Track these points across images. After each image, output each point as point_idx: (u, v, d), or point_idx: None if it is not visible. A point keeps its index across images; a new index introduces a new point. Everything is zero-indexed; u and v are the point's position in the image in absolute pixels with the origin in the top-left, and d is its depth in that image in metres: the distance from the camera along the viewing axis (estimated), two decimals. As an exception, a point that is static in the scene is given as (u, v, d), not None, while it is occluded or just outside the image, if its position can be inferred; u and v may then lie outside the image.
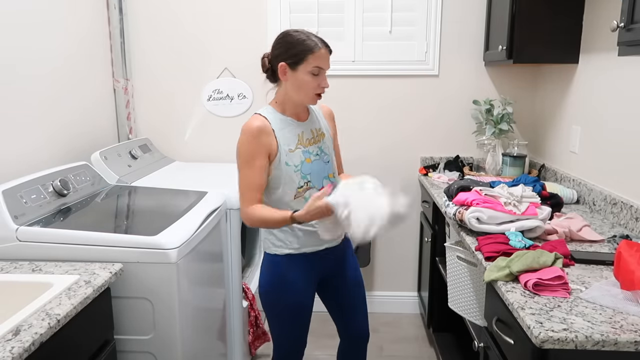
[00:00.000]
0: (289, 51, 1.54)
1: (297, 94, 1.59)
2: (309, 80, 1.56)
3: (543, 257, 1.38)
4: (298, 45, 1.53)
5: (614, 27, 1.36)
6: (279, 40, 1.58)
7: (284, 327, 1.71)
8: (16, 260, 1.57)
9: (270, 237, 1.67)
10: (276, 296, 1.67)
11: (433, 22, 2.80)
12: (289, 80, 1.58)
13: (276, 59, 1.57)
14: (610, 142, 2.03)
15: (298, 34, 1.55)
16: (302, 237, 1.64)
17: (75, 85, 2.42)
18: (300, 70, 1.55)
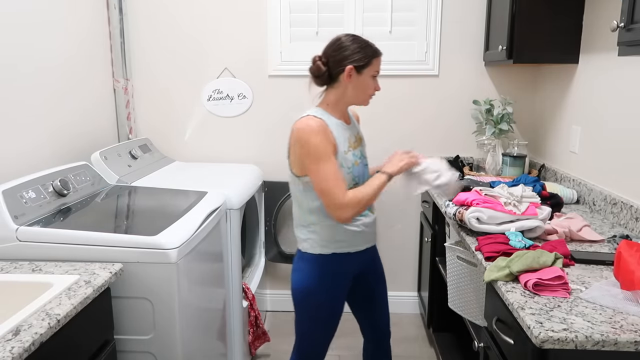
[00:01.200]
0: (356, 54, 1.59)
1: (357, 95, 1.64)
2: (370, 83, 1.64)
3: (543, 257, 1.38)
4: (364, 50, 1.60)
5: (614, 27, 1.36)
6: (345, 43, 1.61)
7: (318, 326, 1.72)
8: (16, 260, 1.57)
9: (313, 236, 1.65)
10: (317, 295, 1.67)
11: (433, 22, 2.80)
12: (352, 83, 1.61)
13: (341, 62, 1.60)
14: (610, 142, 2.03)
15: (362, 39, 1.62)
16: (350, 237, 1.66)
17: (75, 85, 2.43)
18: (364, 73, 1.61)
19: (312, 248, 1.66)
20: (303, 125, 1.55)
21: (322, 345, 1.76)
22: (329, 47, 1.64)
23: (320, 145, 1.52)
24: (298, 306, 1.72)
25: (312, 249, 1.66)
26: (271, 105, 2.94)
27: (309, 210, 1.64)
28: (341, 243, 1.65)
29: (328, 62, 1.62)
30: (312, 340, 1.75)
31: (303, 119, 1.59)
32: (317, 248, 1.65)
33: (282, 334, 2.89)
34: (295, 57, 2.87)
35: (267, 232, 2.96)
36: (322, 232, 1.64)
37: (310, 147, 1.52)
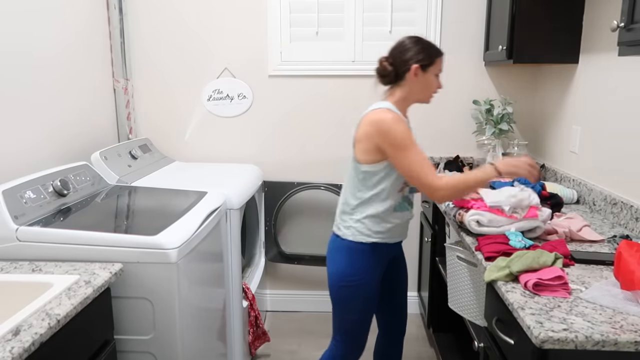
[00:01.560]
0: (421, 54, 1.68)
1: (422, 93, 1.73)
2: (434, 81, 1.73)
3: (543, 257, 1.38)
4: (429, 49, 1.69)
5: (614, 27, 1.36)
6: (409, 45, 1.70)
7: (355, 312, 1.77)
8: (16, 260, 1.57)
9: (357, 225, 1.71)
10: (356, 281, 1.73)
11: (433, 22, 2.80)
12: (417, 81, 1.70)
13: (407, 62, 1.68)
14: (610, 142, 2.03)
15: (425, 40, 1.71)
16: (392, 229, 1.74)
17: (75, 85, 2.42)
18: (429, 72, 1.70)
19: (353, 236, 1.72)
20: (383, 117, 1.62)
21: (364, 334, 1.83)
22: (395, 49, 1.73)
23: (404, 133, 1.60)
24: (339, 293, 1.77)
25: (353, 237, 1.72)
26: (271, 105, 2.94)
27: (360, 200, 1.71)
28: (383, 234, 1.73)
29: (394, 62, 1.71)
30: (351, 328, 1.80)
31: (379, 110, 1.65)
32: (358, 236, 1.72)
33: (282, 334, 2.89)
34: (295, 57, 2.88)
35: (267, 232, 2.96)
36: (368, 223, 1.71)
37: (396, 136, 1.60)
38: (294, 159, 3.00)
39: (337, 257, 1.75)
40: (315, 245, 3.08)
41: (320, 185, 2.91)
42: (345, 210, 1.74)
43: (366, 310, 1.78)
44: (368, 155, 1.65)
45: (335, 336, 1.85)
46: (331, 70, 2.88)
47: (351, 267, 1.73)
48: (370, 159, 1.65)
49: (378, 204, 1.69)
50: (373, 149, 1.64)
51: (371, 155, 1.65)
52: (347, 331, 1.81)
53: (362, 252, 1.72)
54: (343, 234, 1.74)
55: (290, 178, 2.99)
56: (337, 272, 1.75)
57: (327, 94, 2.92)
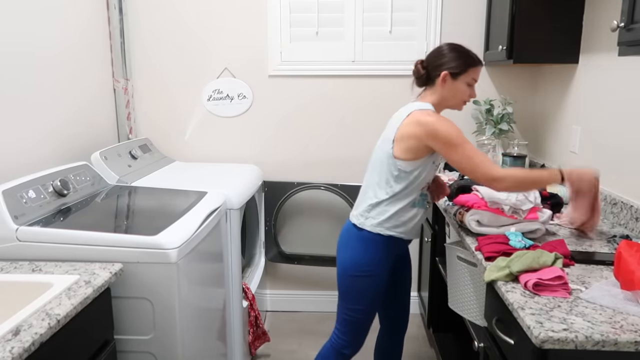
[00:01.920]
0: (454, 62, 1.72)
1: (451, 99, 1.76)
2: (464, 90, 1.75)
3: (543, 257, 1.38)
4: (462, 58, 1.73)
5: (614, 27, 1.36)
6: (444, 51, 1.75)
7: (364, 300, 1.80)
8: (16, 260, 1.57)
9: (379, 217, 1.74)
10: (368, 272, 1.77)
11: (433, 22, 2.80)
12: (446, 87, 1.74)
13: (439, 67, 1.74)
14: (610, 142, 2.03)
15: (462, 48, 1.76)
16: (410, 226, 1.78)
17: (75, 85, 2.43)
18: (460, 80, 1.73)
19: (372, 227, 1.76)
20: (431, 118, 1.65)
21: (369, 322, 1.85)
22: (431, 53, 1.79)
23: (456, 131, 1.64)
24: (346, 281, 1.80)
25: (371, 227, 1.76)
26: (271, 105, 2.94)
27: (390, 193, 1.73)
28: (400, 229, 1.76)
29: (428, 66, 1.77)
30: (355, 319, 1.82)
31: (425, 112, 1.68)
32: (377, 227, 1.75)
33: (282, 334, 2.89)
34: (295, 57, 2.88)
35: (267, 232, 2.96)
36: (393, 216, 1.74)
37: (449, 135, 1.63)
38: (294, 159, 3.00)
39: (352, 245, 1.78)
40: (315, 245, 3.08)
41: (320, 185, 2.91)
42: (372, 202, 1.76)
43: (372, 302, 1.81)
44: (410, 153, 1.68)
45: (338, 327, 1.87)
46: (331, 70, 2.88)
47: (365, 257, 1.76)
48: (411, 156, 1.69)
49: (404, 200, 1.73)
50: (417, 148, 1.67)
51: (413, 154, 1.68)
52: (350, 322, 1.83)
53: (377, 244, 1.76)
54: (361, 224, 1.77)
55: (290, 178, 2.99)
56: (350, 261, 1.78)
57: (327, 94, 2.92)
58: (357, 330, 1.85)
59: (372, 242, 1.76)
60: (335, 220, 3.05)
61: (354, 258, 1.77)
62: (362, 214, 1.78)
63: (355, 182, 2.91)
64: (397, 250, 1.84)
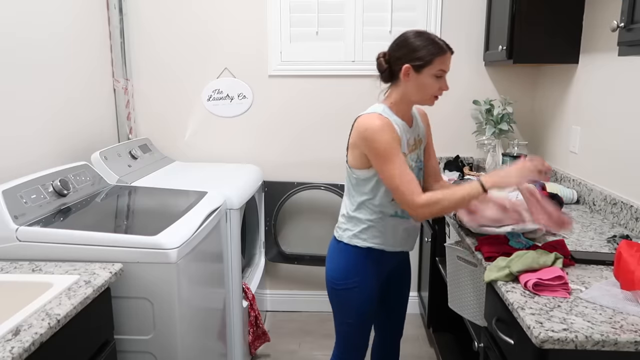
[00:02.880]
0: (414, 53, 1.52)
1: (417, 95, 1.58)
2: (431, 83, 1.55)
3: (543, 257, 1.38)
4: (424, 49, 1.52)
5: (614, 27, 1.36)
6: (403, 42, 1.56)
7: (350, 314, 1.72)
8: (16, 260, 1.57)
9: (353, 228, 1.65)
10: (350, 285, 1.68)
11: (433, 22, 2.80)
12: (410, 82, 1.56)
13: (399, 60, 1.55)
14: (610, 142, 2.03)
15: (426, 35, 1.54)
16: (388, 236, 1.66)
17: (75, 85, 2.42)
18: (424, 73, 1.53)
19: (349, 238, 1.67)
20: (369, 124, 1.51)
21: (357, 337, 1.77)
22: (393, 44, 1.59)
23: (388, 144, 1.49)
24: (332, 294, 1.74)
25: (348, 240, 1.67)
26: (271, 105, 2.94)
27: (355, 203, 1.65)
28: (378, 240, 1.66)
29: (390, 59, 1.59)
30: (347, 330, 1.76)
31: (368, 116, 1.55)
32: (353, 239, 1.66)
33: (282, 334, 2.89)
34: (295, 57, 2.87)
35: (267, 232, 2.96)
36: (362, 227, 1.65)
37: (378, 146, 1.49)
38: (294, 159, 3.00)
39: (334, 259, 1.72)
40: (315, 245, 3.08)
41: (320, 185, 2.91)
42: (344, 212, 1.70)
43: (361, 315, 1.72)
44: (358, 161, 1.59)
45: (335, 340, 1.83)
46: (331, 70, 2.88)
47: (346, 270, 1.68)
48: (361, 164, 1.59)
49: (372, 209, 1.63)
50: (360, 155, 1.57)
51: (361, 161, 1.58)
52: (343, 334, 1.78)
53: (357, 256, 1.67)
54: (339, 236, 1.70)
55: (290, 178, 2.99)
56: (330, 274, 1.71)
57: (327, 94, 2.92)
58: (350, 341, 1.77)
59: (351, 254, 1.67)
60: (335, 221, 3.04)
61: (335, 271, 1.69)
62: (339, 226, 1.71)
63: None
64: (385, 262, 1.73)
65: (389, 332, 1.96)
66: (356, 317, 1.72)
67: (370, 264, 1.69)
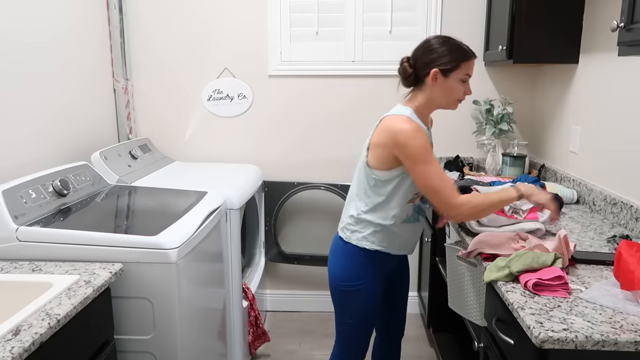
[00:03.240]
0: (442, 58, 1.56)
1: (443, 99, 1.61)
2: (457, 87, 1.59)
3: (543, 257, 1.38)
4: (452, 53, 1.57)
5: (614, 27, 1.36)
6: (430, 48, 1.60)
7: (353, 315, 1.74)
8: (16, 260, 1.57)
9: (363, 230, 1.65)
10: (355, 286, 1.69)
11: (433, 22, 2.80)
12: (437, 86, 1.59)
13: (426, 65, 1.59)
14: (610, 142, 2.03)
15: (452, 41, 1.59)
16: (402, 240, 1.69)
17: (75, 85, 2.42)
18: (451, 78, 1.58)
19: (357, 240, 1.67)
20: (401, 127, 1.52)
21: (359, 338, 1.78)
22: (418, 49, 1.63)
23: (423, 146, 1.51)
24: (335, 295, 1.74)
25: (357, 242, 1.67)
26: (271, 105, 2.94)
27: (370, 204, 1.64)
28: (387, 244, 1.67)
29: (415, 64, 1.62)
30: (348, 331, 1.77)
31: (398, 118, 1.56)
32: (362, 242, 1.66)
33: (282, 334, 2.89)
34: (295, 57, 2.87)
35: (267, 232, 2.96)
36: (374, 230, 1.65)
37: (413, 149, 1.51)
38: (294, 159, 3.00)
39: (339, 259, 1.72)
40: (315, 245, 3.08)
41: (320, 185, 2.91)
42: (353, 214, 1.68)
43: (364, 317, 1.73)
44: (382, 162, 1.58)
45: (335, 340, 1.83)
46: (331, 70, 2.88)
47: (351, 271, 1.68)
48: (383, 165, 1.58)
49: (386, 213, 1.63)
50: (388, 156, 1.56)
51: (385, 163, 1.57)
52: (344, 334, 1.78)
53: (364, 258, 1.68)
54: (347, 237, 1.69)
55: (290, 178, 2.99)
56: (337, 275, 1.72)
57: (327, 94, 2.92)
58: (351, 343, 1.77)
59: (358, 256, 1.68)
60: (335, 221, 3.05)
61: (342, 272, 1.70)
62: (347, 227, 1.70)
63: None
64: (388, 265, 1.75)
65: (391, 333, 1.97)
66: (359, 317, 1.73)
67: (375, 266, 1.70)
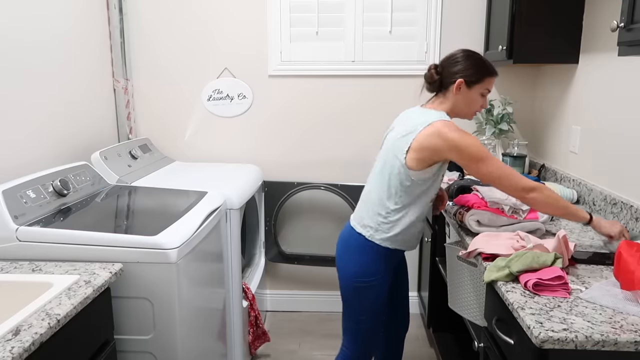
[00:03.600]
0: (469, 70, 1.67)
1: (463, 109, 1.71)
2: (477, 99, 1.70)
3: (543, 257, 1.38)
4: (479, 67, 1.67)
5: (614, 27, 1.36)
6: (459, 59, 1.69)
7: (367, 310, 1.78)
8: (16, 260, 1.57)
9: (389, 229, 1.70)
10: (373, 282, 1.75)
11: (433, 22, 2.80)
12: (460, 95, 1.69)
13: (454, 74, 1.68)
14: (610, 142, 2.03)
15: (479, 56, 1.70)
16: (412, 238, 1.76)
17: (75, 85, 2.43)
18: (474, 90, 1.68)
19: (381, 240, 1.71)
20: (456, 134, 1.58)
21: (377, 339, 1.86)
22: (446, 59, 1.73)
23: (477, 144, 1.59)
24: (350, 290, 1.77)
25: (380, 241, 1.71)
26: (271, 105, 2.94)
27: (400, 205, 1.69)
28: (401, 242, 1.73)
29: (442, 72, 1.71)
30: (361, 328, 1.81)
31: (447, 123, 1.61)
32: (385, 242, 1.71)
33: (282, 334, 2.89)
34: (295, 57, 2.87)
35: (267, 232, 2.96)
36: (400, 230, 1.70)
37: (472, 149, 1.58)
38: (294, 159, 3.00)
39: (355, 256, 1.74)
40: (315, 245, 3.08)
41: (320, 185, 2.91)
42: (380, 212, 1.71)
43: (375, 311, 1.78)
44: (422, 164, 1.62)
45: (345, 338, 1.85)
46: (331, 70, 2.88)
47: (368, 267, 1.73)
48: (422, 166, 1.63)
49: (413, 212, 1.69)
50: (431, 159, 1.61)
51: (424, 164, 1.62)
52: (355, 332, 1.81)
53: (380, 255, 1.73)
54: (370, 236, 1.71)
55: (290, 178, 2.99)
56: (353, 271, 1.74)
57: (327, 94, 2.92)
58: (363, 339, 1.82)
59: (376, 254, 1.73)
60: (335, 220, 3.05)
61: (359, 268, 1.73)
62: (371, 226, 1.72)
63: (355, 182, 2.91)
64: (398, 259, 1.82)
65: (396, 328, 2.02)
66: (371, 313, 1.78)
67: (388, 261, 1.76)
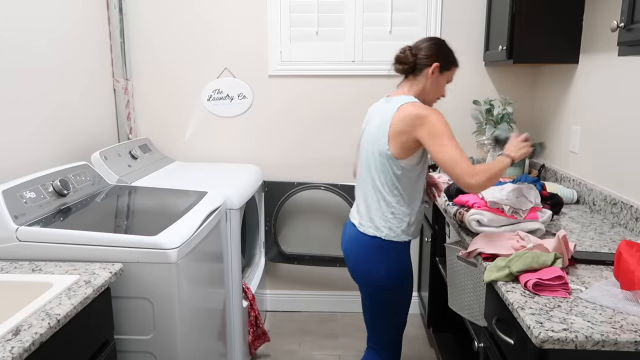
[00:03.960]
0: (446, 56, 1.72)
1: (432, 93, 1.75)
2: (443, 86, 1.77)
3: (543, 257, 1.38)
4: (451, 56, 1.74)
5: (614, 27, 1.36)
6: (439, 45, 1.73)
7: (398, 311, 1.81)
8: (16, 260, 1.57)
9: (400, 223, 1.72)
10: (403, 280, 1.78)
11: (433, 22, 2.80)
12: (432, 79, 1.72)
13: (429, 57, 1.70)
14: (610, 142, 2.03)
15: (450, 47, 1.76)
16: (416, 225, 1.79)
17: (75, 85, 2.43)
18: (444, 76, 1.74)
19: (397, 236, 1.72)
20: (419, 109, 1.62)
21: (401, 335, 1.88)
22: (424, 43, 1.73)
23: (442, 122, 1.60)
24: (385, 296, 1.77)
25: (397, 237, 1.72)
26: (271, 105, 2.94)
27: (399, 197, 1.70)
28: (414, 231, 1.77)
29: (417, 54, 1.72)
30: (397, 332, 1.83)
31: (414, 104, 1.64)
32: (402, 236, 1.73)
33: (282, 334, 2.89)
34: (295, 57, 2.88)
35: (267, 232, 2.96)
36: (404, 219, 1.72)
37: (437, 126, 1.59)
38: (294, 159, 3.00)
39: (380, 260, 1.73)
40: (315, 245, 3.08)
41: (320, 185, 2.91)
42: (385, 210, 1.70)
43: (406, 305, 1.82)
44: (404, 150, 1.64)
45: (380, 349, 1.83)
46: (331, 70, 2.88)
47: (395, 267, 1.75)
48: (405, 153, 1.64)
49: (415, 198, 1.72)
50: (408, 142, 1.63)
51: (407, 150, 1.64)
52: (392, 335, 1.82)
53: (400, 252, 1.76)
54: (386, 236, 1.71)
55: (290, 178, 2.99)
56: (384, 273, 1.73)
57: (327, 94, 2.92)
58: (399, 343, 1.84)
59: (399, 251, 1.75)
60: (335, 220, 3.05)
61: (388, 271, 1.73)
62: (383, 226, 1.71)
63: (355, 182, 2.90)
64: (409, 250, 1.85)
65: None
66: (402, 308, 1.81)
67: (408, 253, 1.81)
